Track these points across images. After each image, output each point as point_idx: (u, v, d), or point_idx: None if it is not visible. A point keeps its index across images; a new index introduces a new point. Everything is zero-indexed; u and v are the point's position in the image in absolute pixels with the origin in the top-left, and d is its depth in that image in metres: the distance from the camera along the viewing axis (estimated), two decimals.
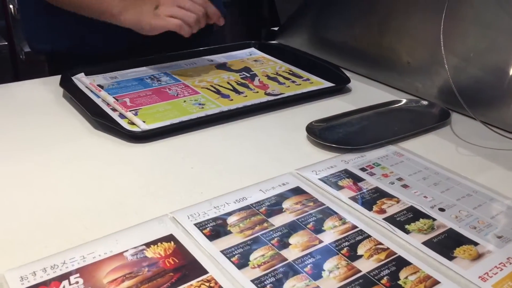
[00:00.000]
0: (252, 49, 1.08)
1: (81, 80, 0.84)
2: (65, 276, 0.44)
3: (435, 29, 0.81)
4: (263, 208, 0.55)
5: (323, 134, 0.73)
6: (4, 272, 0.45)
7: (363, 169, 0.64)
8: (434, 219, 0.55)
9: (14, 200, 0.57)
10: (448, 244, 0.51)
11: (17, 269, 0.45)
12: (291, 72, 0.96)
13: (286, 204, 0.56)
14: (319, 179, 0.62)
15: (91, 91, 0.81)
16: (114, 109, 0.76)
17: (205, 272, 0.46)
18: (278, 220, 0.53)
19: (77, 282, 0.44)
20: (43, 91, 0.84)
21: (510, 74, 0.76)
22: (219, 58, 1.02)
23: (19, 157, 0.66)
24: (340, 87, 0.90)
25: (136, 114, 0.75)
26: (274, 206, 0.56)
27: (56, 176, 0.62)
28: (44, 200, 0.57)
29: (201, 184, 0.61)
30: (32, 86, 0.86)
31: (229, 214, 0.54)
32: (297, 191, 0.59)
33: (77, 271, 0.45)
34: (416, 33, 0.89)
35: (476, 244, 0.51)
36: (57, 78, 0.84)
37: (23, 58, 1.73)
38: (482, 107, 0.78)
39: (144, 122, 0.73)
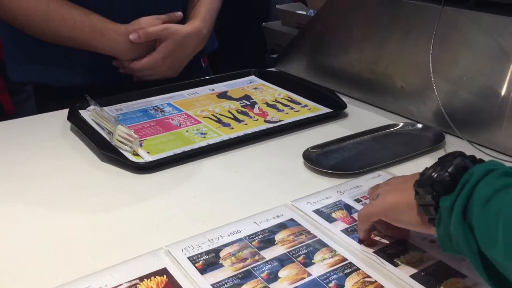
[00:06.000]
0: (252, 77, 1.10)
1: (88, 113, 0.87)
2: None
3: (426, 54, 0.83)
4: (256, 240, 0.57)
5: (319, 160, 0.75)
6: None
7: (358, 200, 0.65)
8: (424, 251, 0.55)
9: (21, 231, 0.60)
10: (436, 277, 0.52)
11: None
12: (290, 99, 0.98)
13: (278, 237, 0.58)
14: (313, 210, 0.63)
15: (97, 124, 0.84)
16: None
17: None
18: (270, 253, 0.55)
19: None
20: (50, 125, 0.88)
21: (500, 97, 0.77)
22: (220, 87, 1.04)
23: (26, 189, 0.69)
24: (337, 112, 0.92)
25: (141, 145, 0.78)
26: (267, 238, 0.57)
27: (63, 207, 0.65)
28: (51, 230, 0.60)
29: (202, 214, 0.63)
30: (40, 120, 0.90)
31: (223, 247, 0.56)
32: (290, 223, 0.60)
33: None
34: (408, 58, 0.91)
35: (464, 276, 0.52)
36: (64, 112, 0.88)
37: None
38: (474, 129, 0.79)
39: (148, 153, 0.76)
